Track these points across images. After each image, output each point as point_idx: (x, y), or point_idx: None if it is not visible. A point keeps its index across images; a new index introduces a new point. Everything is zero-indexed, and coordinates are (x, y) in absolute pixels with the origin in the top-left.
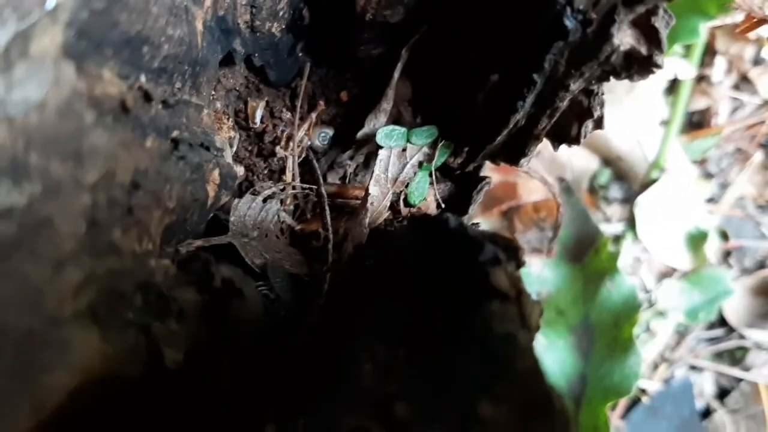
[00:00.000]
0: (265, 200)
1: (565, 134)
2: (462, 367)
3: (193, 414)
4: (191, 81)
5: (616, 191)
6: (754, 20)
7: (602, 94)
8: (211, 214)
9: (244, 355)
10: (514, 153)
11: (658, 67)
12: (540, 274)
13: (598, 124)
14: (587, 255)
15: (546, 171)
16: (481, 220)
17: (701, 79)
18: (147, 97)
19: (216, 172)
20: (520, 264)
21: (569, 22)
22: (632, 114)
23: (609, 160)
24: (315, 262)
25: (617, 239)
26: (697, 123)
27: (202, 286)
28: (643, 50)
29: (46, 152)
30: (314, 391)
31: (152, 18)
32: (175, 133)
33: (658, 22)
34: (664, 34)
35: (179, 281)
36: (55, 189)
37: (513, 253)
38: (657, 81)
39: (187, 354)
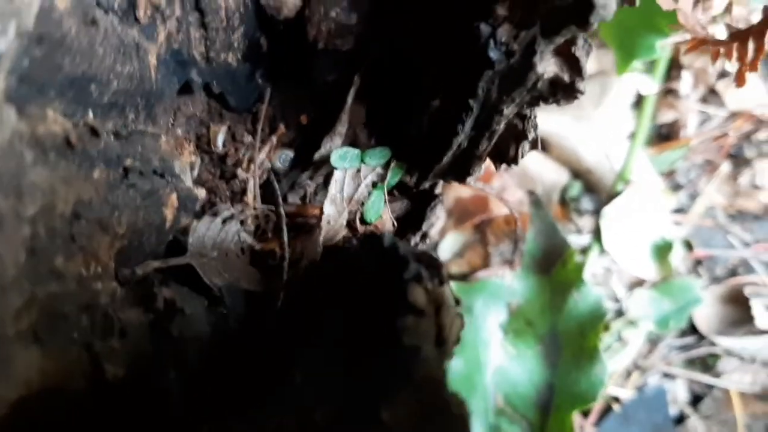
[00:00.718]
0: (224, 221)
1: (504, 155)
2: (373, 375)
3: (137, 423)
4: (145, 112)
5: (587, 203)
6: (697, 40)
7: (535, 117)
8: (171, 236)
9: (189, 368)
10: (460, 172)
11: (581, 92)
12: (510, 285)
13: (534, 145)
14: (555, 266)
15: (517, 184)
16: (455, 233)
17: (669, 92)
18: (94, 132)
19: (174, 196)
20: (442, 280)
21: (493, 54)
22: (600, 128)
23: (578, 173)
24: (272, 280)
25: (587, 250)
26: (665, 135)
27: (146, 306)
28: (566, 77)
29: None
30: (253, 397)
31: (98, 58)
32: (127, 162)
33: (578, 51)
34: (584, 62)
35: (125, 302)
36: None
37: (435, 271)
38: (625, 95)
39: (130, 369)
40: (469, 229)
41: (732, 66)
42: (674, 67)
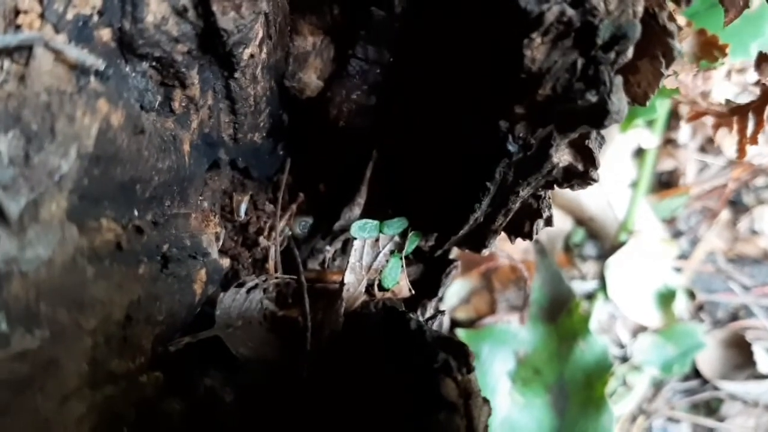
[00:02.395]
0: (248, 291)
1: (519, 230)
2: None
3: None
4: (180, 196)
5: (590, 249)
6: (697, 112)
7: (549, 198)
8: (199, 308)
9: None
10: (476, 244)
11: (594, 180)
12: (518, 333)
13: (548, 222)
14: (561, 315)
15: None
16: (462, 280)
17: (668, 142)
18: (139, 230)
19: (203, 272)
20: (469, 369)
21: (511, 147)
22: (603, 176)
23: (582, 221)
24: (295, 349)
25: (592, 296)
26: (665, 183)
27: (187, 394)
28: (580, 167)
29: (54, 303)
30: None
31: (143, 160)
32: (164, 248)
33: (592, 143)
34: (597, 153)
35: (167, 391)
36: (61, 334)
37: (464, 360)
38: (626, 145)
39: None
40: (475, 276)
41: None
42: (674, 117)
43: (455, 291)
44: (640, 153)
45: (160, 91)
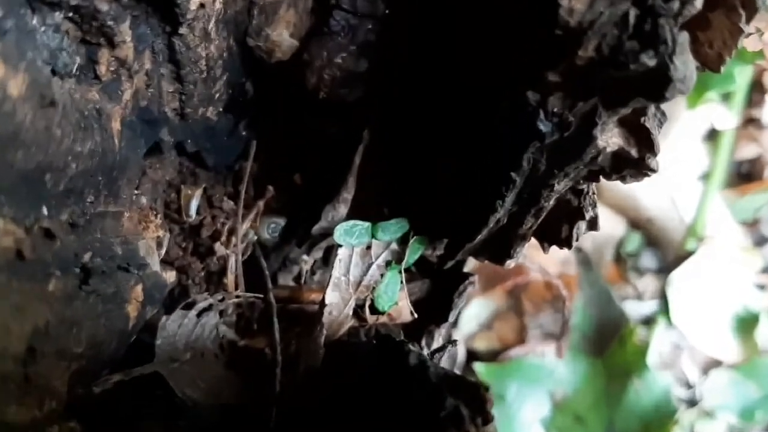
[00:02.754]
0: (200, 314)
1: (554, 235)
2: None
3: None
4: (107, 189)
5: (648, 260)
6: None
7: (593, 193)
8: (134, 336)
9: None
10: (498, 252)
11: (652, 170)
12: (554, 369)
13: (592, 225)
14: (610, 346)
15: None
16: (483, 300)
17: (749, 122)
18: (49, 234)
19: (139, 288)
20: (487, 419)
21: (543, 126)
22: (666, 166)
23: (638, 223)
24: (260, 389)
25: (650, 321)
26: (746, 175)
27: None
28: (634, 152)
29: None
30: None
31: (55, 142)
32: (86, 257)
33: (649, 122)
34: (656, 135)
35: None
36: None
37: (479, 406)
38: (696, 126)
39: None
40: (500, 295)
41: None
42: (756, 91)
43: (473, 314)
44: (713, 135)
45: (79, 52)
